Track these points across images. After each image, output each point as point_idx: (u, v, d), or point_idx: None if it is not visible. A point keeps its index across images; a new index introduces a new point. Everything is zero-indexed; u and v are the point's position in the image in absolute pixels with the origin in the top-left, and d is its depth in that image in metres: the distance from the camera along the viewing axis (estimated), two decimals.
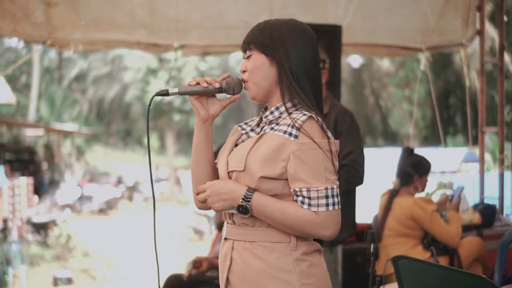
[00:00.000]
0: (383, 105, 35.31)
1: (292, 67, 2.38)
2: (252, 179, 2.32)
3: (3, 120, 22.51)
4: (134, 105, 35.05)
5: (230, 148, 2.48)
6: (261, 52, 2.41)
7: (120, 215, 21.53)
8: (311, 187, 2.26)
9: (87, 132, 33.87)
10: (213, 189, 2.37)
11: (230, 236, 2.41)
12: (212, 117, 2.51)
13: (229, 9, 6.39)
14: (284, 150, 2.29)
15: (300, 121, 2.30)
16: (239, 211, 2.32)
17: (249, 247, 2.35)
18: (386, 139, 35.07)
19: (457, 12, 6.85)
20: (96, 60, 39.67)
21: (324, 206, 2.27)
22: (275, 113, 2.42)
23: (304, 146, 2.27)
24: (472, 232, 5.65)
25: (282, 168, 2.29)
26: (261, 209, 2.30)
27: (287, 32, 2.41)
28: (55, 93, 34.55)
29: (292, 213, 2.28)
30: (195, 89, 2.44)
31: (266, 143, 2.33)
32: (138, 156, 39.13)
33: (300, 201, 2.29)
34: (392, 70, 32.45)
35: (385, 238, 5.08)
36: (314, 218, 2.27)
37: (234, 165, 2.37)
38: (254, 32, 2.44)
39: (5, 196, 13.99)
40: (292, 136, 2.29)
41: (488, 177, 7.16)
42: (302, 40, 2.42)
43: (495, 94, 19.74)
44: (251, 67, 2.43)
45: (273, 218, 2.30)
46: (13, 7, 5.68)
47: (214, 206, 2.38)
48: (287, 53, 2.38)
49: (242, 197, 2.30)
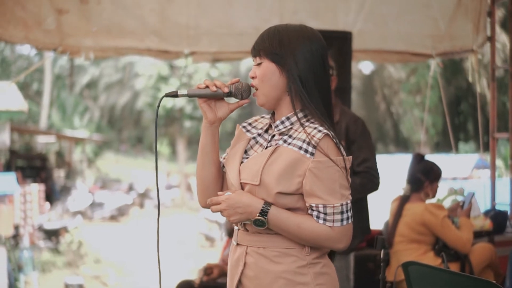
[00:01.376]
0: (394, 111, 35.27)
1: (302, 75, 2.38)
2: (269, 194, 2.34)
3: (15, 127, 22.57)
4: (145, 112, 35.14)
5: (240, 155, 2.49)
6: (270, 60, 2.40)
7: (131, 222, 21.55)
8: (327, 204, 2.31)
9: (98, 139, 33.96)
10: (229, 203, 2.37)
11: (243, 242, 2.43)
12: (219, 119, 2.51)
13: (239, 16, 6.40)
14: (300, 167, 2.32)
15: (316, 139, 2.32)
16: (256, 224, 2.34)
17: (263, 253, 2.38)
18: (398, 146, 35.03)
19: (467, 18, 6.83)
20: (108, 67, 39.81)
21: (339, 221, 2.33)
22: (286, 123, 2.43)
23: (321, 164, 2.31)
24: (483, 238, 5.64)
25: (297, 184, 2.32)
26: (277, 223, 2.33)
27: (297, 38, 2.40)
28: (66, 100, 34.70)
29: (308, 228, 2.33)
30: (204, 92, 2.45)
31: (281, 158, 2.35)
32: (149, 162, 39.19)
33: (315, 215, 2.33)
34: (403, 76, 32.42)
35: (396, 244, 5.06)
36: (329, 232, 2.33)
37: (248, 178, 2.39)
38: (264, 39, 2.43)
39: (16, 202, 14.05)
40: (308, 153, 2.32)
41: (499, 184, 7.13)
42: (312, 47, 2.41)
43: (506, 100, 19.68)
44: (261, 75, 2.43)
45: (288, 232, 2.34)
46: (24, 15, 5.71)
47: (231, 219, 2.39)
48: (297, 61, 2.38)
49: (259, 212, 2.33)
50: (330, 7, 6.53)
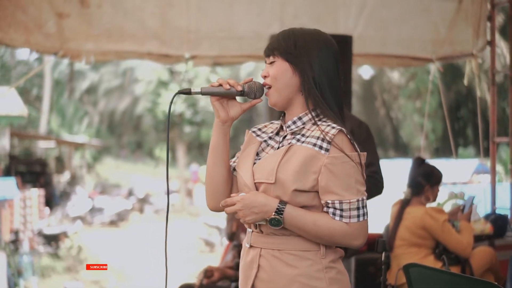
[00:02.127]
0: (394, 117, 35.31)
1: (316, 76, 2.39)
2: (285, 191, 2.33)
3: (15, 132, 22.57)
4: (145, 117, 35.18)
5: (253, 158, 2.49)
6: (284, 59, 2.42)
7: (131, 227, 21.53)
8: (343, 200, 2.31)
9: (98, 144, 33.97)
10: (244, 203, 2.36)
11: (257, 244, 2.42)
12: (231, 119, 2.51)
13: (240, 20, 6.41)
14: (314, 163, 2.32)
15: (331, 134, 2.32)
16: (271, 223, 2.34)
17: (278, 255, 2.37)
18: (397, 151, 35.04)
19: (468, 23, 6.85)
20: (107, 72, 39.86)
21: (355, 217, 2.32)
22: (298, 123, 2.44)
23: (336, 159, 2.30)
24: (484, 242, 5.64)
25: (313, 180, 2.32)
26: (293, 221, 2.33)
27: (312, 41, 2.43)
28: (66, 106, 34.71)
29: (324, 225, 2.32)
30: (217, 90, 2.45)
31: (295, 156, 2.35)
32: (149, 168, 39.19)
33: (331, 212, 2.32)
34: (403, 82, 32.46)
35: (397, 248, 5.06)
36: (346, 229, 2.32)
37: (263, 177, 2.38)
38: (279, 39, 2.45)
39: (16, 207, 14.06)
40: (322, 149, 2.32)
41: (499, 188, 7.14)
42: (326, 50, 2.43)
43: (506, 106, 19.71)
44: (274, 73, 2.44)
45: (305, 230, 2.33)
46: (25, 18, 5.71)
47: (246, 219, 2.38)
48: (311, 63, 2.40)
49: (275, 210, 2.32)
50: (331, 12, 6.54)
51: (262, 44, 6.20)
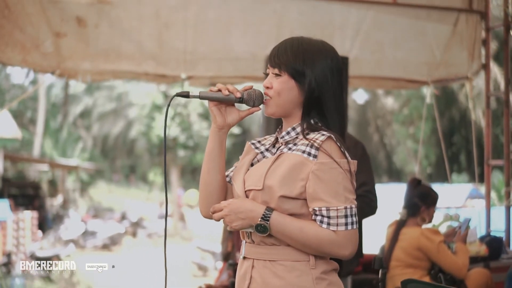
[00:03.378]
0: (387, 142, 35.36)
1: (321, 93, 2.37)
2: (272, 198, 2.30)
3: (8, 155, 22.53)
4: (139, 141, 35.14)
5: (246, 167, 2.47)
6: (291, 76, 2.38)
7: (124, 251, 21.44)
8: (330, 207, 2.25)
9: (91, 167, 33.91)
10: (230, 208, 2.34)
11: (250, 255, 2.40)
12: (228, 125, 2.49)
13: (236, 41, 6.44)
14: (303, 170, 2.29)
15: (319, 141, 2.29)
16: (258, 230, 2.30)
17: (269, 266, 2.34)
18: (391, 177, 35.05)
19: (462, 46, 6.91)
20: (101, 97, 39.87)
21: (343, 225, 2.26)
22: (292, 133, 2.42)
23: (324, 165, 2.27)
24: (479, 264, 5.63)
25: (301, 187, 2.29)
26: (280, 228, 2.29)
27: (319, 56, 2.39)
28: (60, 129, 34.69)
29: (311, 232, 2.27)
30: (216, 95, 2.42)
31: (284, 163, 2.32)
32: (142, 192, 39.10)
33: (319, 220, 2.28)
34: (397, 107, 32.56)
35: (392, 268, 5.06)
36: (333, 237, 2.26)
37: (252, 184, 2.36)
38: (288, 53, 2.40)
39: (9, 229, 13.98)
40: (311, 156, 2.29)
41: (493, 212, 7.14)
42: (332, 65, 2.40)
43: (499, 132, 19.82)
44: (278, 89, 2.40)
45: (291, 237, 2.29)
46: (23, 37, 5.73)
47: (232, 225, 2.35)
48: (316, 78, 2.36)
49: (261, 216, 2.29)
50: (327, 34, 6.56)
51: (258, 65, 6.29)
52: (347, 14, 6.67)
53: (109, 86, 38.35)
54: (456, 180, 25.95)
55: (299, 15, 6.51)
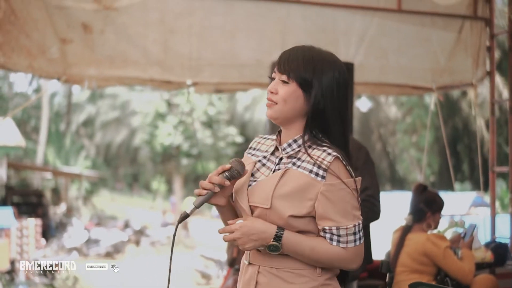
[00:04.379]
0: (390, 151, 35.35)
1: (325, 109, 2.37)
2: (280, 217, 2.33)
3: (12, 163, 22.56)
4: (142, 149, 35.14)
5: (247, 178, 2.47)
6: (299, 85, 2.38)
7: (127, 259, 21.42)
8: (340, 226, 2.31)
9: (94, 175, 33.92)
10: (243, 231, 2.35)
11: (255, 262, 2.42)
12: (229, 198, 2.50)
13: (241, 47, 6.45)
14: (311, 190, 2.32)
15: (326, 162, 2.31)
16: (270, 249, 2.33)
17: (276, 273, 2.37)
18: (394, 185, 35.02)
19: (467, 53, 6.92)
20: (105, 105, 39.92)
21: (352, 242, 2.33)
22: (293, 146, 2.42)
23: (333, 187, 2.31)
24: (484, 270, 5.62)
25: (309, 207, 2.32)
26: (291, 247, 2.33)
27: (328, 68, 2.39)
28: (63, 138, 34.72)
29: (322, 251, 2.33)
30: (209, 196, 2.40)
31: (291, 182, 2.34)
32: (145, 201, 39.11)
33: (328, 238, 2.33)
34: (399, 116, 32.56)
35: (398, 274, 5.04)
36: (343, 254, 2.34)
37: (259, 201, 2.37)
38: (299, 61, 2.39)
39: (13, 237, 13.98)
40: (318, 176, 2.31)
41: (497, 220, 7.13)
42: (339, 77, 2.41)
43: (502, 141, 19.79)
44: (285, 96, 2.39)
45: (303, 255, 2.34)
46: (29, 43, 5.75)
47: (245, 247, 2.36)
48: (323, 90, 2.37)
49: (273, 237, 2.32)
50: (331, 40, 6.58)
51: (263, 71, 6.30)
52: (352, 21, 6.69)
53: (112, 94, 38.45)
54: (459, 189, 25.92)
55: (303, 21, 6.52)
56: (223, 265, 15.59)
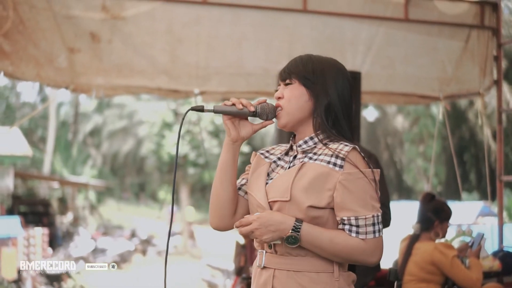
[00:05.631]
0: (397, 160, 35.30)
1: (331, 103, 2.42)
2: (300, 208, 2.32)
3: (18, 173, 22.60)
4: (149, 159, 35.15)
5: (264, 178, 2.49)
6: (301, 84, 2.44)
7: (133, 268, 21.42)
8: (359, 216, 2.30)
9: (101, 185, 33.94)
10: (260, 222, 2.34)
11: (270, 265, 2.40)
12: (242, 138, 2.52)
13: (249, 56, 6.46)
14: (329, 180, 2.32)
15: (344, 151, 2.33)
16: (288, 242, 2.32)
17: (293, 276, 2.35)
18: (401, 195, 34.95)
19: (474, 62, 6.92)
20: (111, 115, 39.97)
21: (372, 233, 2.32)
22: (310, 142, 2.45)
23: (351, 175, 2.31)
24: (492, 279, 5.61)
25: (328, 198, 2.32)
26: (310, 239, 2.31)
27: (329, 68, 2.46)
28: (70, 147, 34.78)
29: (341, 242, 2.31)
30: (230, 109, 2.45)
31: (309, 173, 2.35)
32: (152, 211, 39.06)
33: (347, 229, 2.32)
34: (406, 126, 32.54)
35: (406, 283, 5.04)
36: (362, 245, 2.31)
37: (277, 195, 2.38)
38: (298, 64, 2.48)
39: (20, 246, 13.99)
40: (336, 166, 2.32)
41: (505, 230, 7.11)
42: (342, 78, 2.47)
43: (508, 150, 19.76)
44: (289, 96, 2.45)
45: (322, 247, 2.32)
46: (37, 53, 5.77)
47: (263, 238, 2.35)
48: (327, 89, 2.42)
49: (292, 228, 2.30)
50: (338, 49, 6.59)
51: (270, 81, 6.31)
52: (359, 30, 6.69)
53: (119, 104, 38.50)
54: (466, 199, 25.84)
55: (311, 31, 6.53)
56: (230, 274, 15.56)
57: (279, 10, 6.48)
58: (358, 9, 6.66)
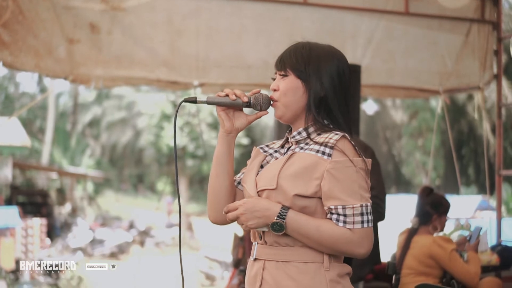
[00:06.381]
0: (396, 154, 35.32)
1: (327, 94, 2.38)
2: (286, 197, 2.29)
3: (17, 163, 22.57)
4: (148, 150, 35.17)
5: (257, 169, 2.46)
6: (296, 76, 2.40)
7: (131, 259, 21.43)
8: (346, 205, 2.25)
9: (99, 176, 33.94)
10: (246, 207, 2.32)
11: (261, 256, 2.38)
12: (236, 130, 2.50)
13: (249, 49, 6.44)
14: (317, 169, 2.28)
15: (333, 140, 2.29)
16: (274, 228, 2.28)
17: (281, 267, 2.31)
18: (399, 188, 34.98)
19: (474, 56, 6.91)
20: (110, 106, 39.94)
21: (359, 223, 2.26)
22: (303, 133, 2.42)
23: (339, 164, 2.26)
24: (490, 273, 5.61)
25: (316, 186, 2.28)
26: (296, 226, 2.27)
27: (325, 58, 2.41)
28: (68, 138, 34.76)
29: (327, 231, 2.26)
30: (223, 100, 2.43)
31: (297, 162, 2.32)
32: (150, 202, 39.05)
33: (335, 218, 2.27)
34: (405, 119, 32.54)
35: (404, 276, 5.03)
36: (349, 235, 2.25)
37: (265, 184, 2.35)
38: (293, 54, 2.44)
39: (18, 236, 13.99)
40: (325, 155, 2.28)
41: (503, 223, 7.11)
42: (339, 67, 2.41)
43: (507, 144, 19.76)
44: (284, 89, 2.42)
45: (308, 236, 2.27)
46: (36, 43, 5.74)
47: (248, 224, 2.32)
48: (322, 80, 2.38)
49: (277, 215, 2.27)
50: (338, 42, 6.57)
51: (270, 73, 6.18)
52: (359, 23, 6.68)
53: (118, 95, 38.48)
54: (465, 193, 25.87)
55: (311, 23, 6.51)
56: (228, 266, 15.60)
57: (279, 3, 6.47)
58: (359, 2, 6.65)
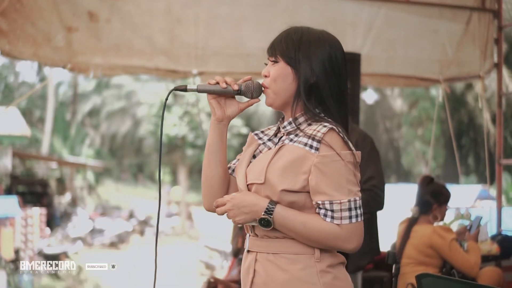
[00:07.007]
0: (396, 143, 35.34)
1: (318, 81, 2.33)
2: (273, 192, 2.27)
3: (17, 153, 22.58)
4: (147, 139, 35.15)
5: (248, 159, 2.44)
6: (287, 63, 2.36)
7: (131, 249, 21.46)
8: (334, 200, 2.21)
9: (99, 165, 33.94)
10: (234, 203, 2.30)
11: (253, 249, 2.37)
12: (228, 118, 2.47)
13: (248, 37, 6.40)
14: (304, 163, 2.25)
15: (321, 133, 2.25)
16: (261, 224, 2.27)
17: (272, 259, 2.30)
18: (399, 178, 35.01)
19: (475, 44, 6.88)
20: (110, 95, 39.89)
21: (347, 218, 2.22)
22: (293, 124, 2.38)
23: (326, 158, 2.22)
24: (490, 263, 5.60)
25: (303, 181, 2.25)
26: (283, 222, 2.25)
27: (317, 44, 2.36)
28: (68, 127, 34.75)
29: (315, 226, 2.23)
30: (213, 88, 2.41)
31: (285, 155, 2.28)
32: (150, 191, 39.08)
33: (322, 213, 2.24)
34: (405, 108, 32.53)
35: (404, 266, 5.02)
36: (337, 231, 2.22)
37: (254, 178, 2.33)
38: (283, 40, 2.39)
39: (18, 226, 14.01)
40: (312, 149, 2.25)
41: (503, 213, 7.11)
42: (331, 53, 2.35)
43: (507, 134, 19.75)
44: (274, 75, 2.38)
45: (295, 231, 2.25)
46: (34, 32, 5.71)
47: (236, 220, 2.31)
48: (313, 67, 2.33)
49: (264, 210, 2.25)
50: (338, 31, 6.48)
51: None
52: (359, 11, 6.64)
53: (118, 85, 38.42)
54: (465, 182, 25.88)
55: (311, 12, 6.47)
56: (228, 255, 15.61)
57: None
58: None
